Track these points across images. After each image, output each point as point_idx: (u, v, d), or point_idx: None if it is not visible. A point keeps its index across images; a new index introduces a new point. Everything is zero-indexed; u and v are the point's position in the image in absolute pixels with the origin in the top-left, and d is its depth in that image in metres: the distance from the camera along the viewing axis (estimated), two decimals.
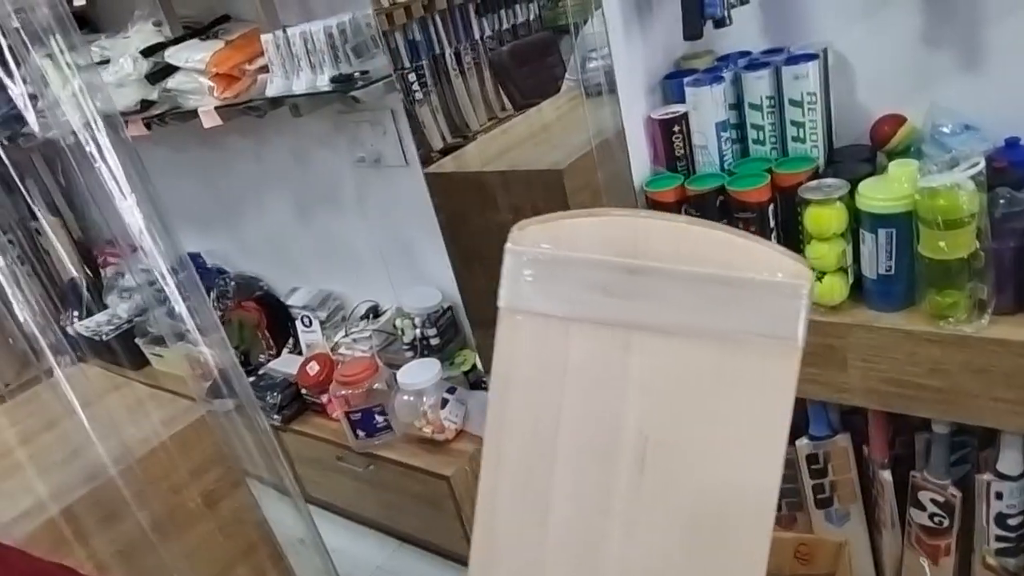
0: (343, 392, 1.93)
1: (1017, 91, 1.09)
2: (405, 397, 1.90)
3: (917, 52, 1.16)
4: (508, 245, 0.48)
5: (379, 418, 1.95)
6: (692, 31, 1.14)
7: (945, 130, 1.10)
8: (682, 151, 1.29)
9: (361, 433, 1.96)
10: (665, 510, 0.44)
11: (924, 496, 1.23)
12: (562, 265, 0.46)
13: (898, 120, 1.18)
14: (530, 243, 0.48)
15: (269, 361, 2.42)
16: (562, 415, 0.46)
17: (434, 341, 2.11)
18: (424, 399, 1.88)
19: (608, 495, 0.45)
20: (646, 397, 0.44)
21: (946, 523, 1.22)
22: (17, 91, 0.96)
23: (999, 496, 1.13)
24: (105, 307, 2.83)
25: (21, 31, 0.95)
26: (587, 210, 0.45)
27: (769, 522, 0.43)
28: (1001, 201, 0.99)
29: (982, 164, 0.95)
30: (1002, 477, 1.12)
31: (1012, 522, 1.14)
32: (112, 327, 2.72)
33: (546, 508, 0.46)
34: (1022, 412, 1.01)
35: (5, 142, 1.53)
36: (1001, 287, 1.00)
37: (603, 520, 0.45)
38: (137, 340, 2.72)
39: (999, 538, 1.16)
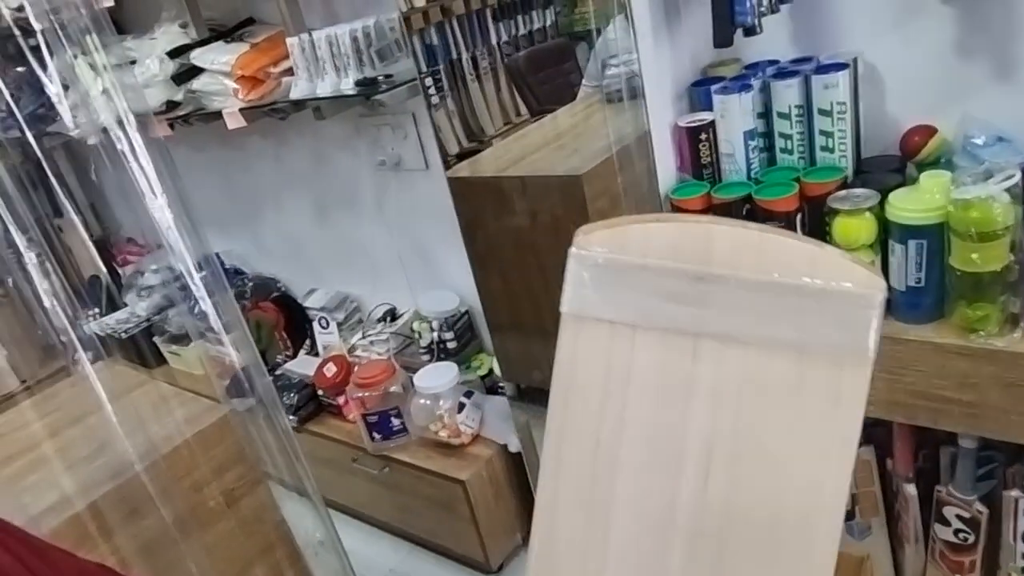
0: (360, 394, 1.93)
1: None
2: (422, 400, 1.90)
3: (949, 62, 1.16)
4: (572, 250, 0.46)
5: (395, 421, 1.95)
6: (722, 39, 1.14)
7: (977, 141, 1.09)
8: (708, 159, 1.28)
9: (377, 435, 1.96)
10: (730, 523, 0.43)
11: (949, 511, 1.22)
12: (629, 271, 0.45)
13: (929, 131, 1.17)
14: (596, 248, 0.46)
15: (286, 362, 2.42)
16: (626, 424, 0.45)
17: (451, 345, 2.11)
18: (440, 403, 1.88)
19: (672, 507, 0.44)
20: (713, 407, 0.43)
21: (971, 539, 1.21)
22: (53, 89, 0.97)
23: None
24: (124, 305, 2.85)
25: (57, 30, 0.95)
26: (654, 215, 0.44)
27: (836, 535, 0.41)
28: None
29: (1018, 176, 0.94)
30: None
31: None
32: (131, 325, 2.74)
33: (607, 518, 0.45)
34: None
35: (32, 140, 1.54)
36: None
37: (666, 532, 0.44)
38: (155, 339, 2.74)
39: None
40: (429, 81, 1.81)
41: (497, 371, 2.03)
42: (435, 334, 2.10)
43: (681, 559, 0.44)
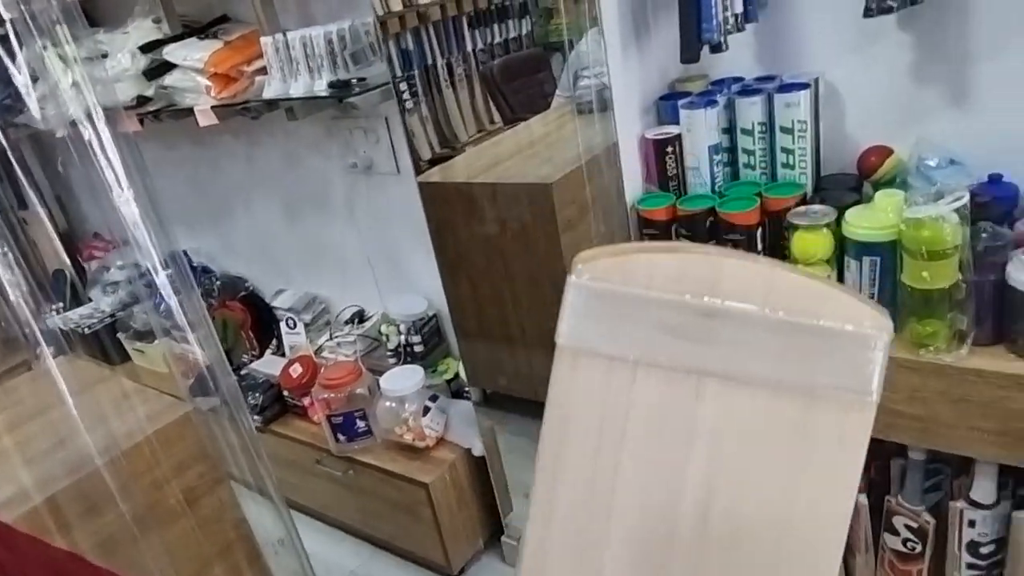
0: (325, 395, 1.93)
1: (1002, 128, 1.12)
2: (387, 403, 1.90)
3: (906, 86, 1.20)
4: (571, 278, 0.44)
5: (360, 423, 1.95)
6: (689, 55, 1.16)
7: (931, 163, 1.12)
8: (674, 171, 1.31)
9: (342, 437, 1.96)
10: (729, 570, 0.42)
11: (898, 521, 1.25)
12: (632, 303, 0.42)
13: (885, 151, 1.21)
14: (598, 277, 0.43)
15: (252, 362, 2.41)
16: (622, 466, 0.43)
17: (418, 348, 2.11)
18: (406, 406, 1.88)
19: (669, 553, 0.43)
20: (715, 449, 0.42)
21: (919, 549, 1.24)
22: (21, 80, 0.96)
23: (972, 524, 1.16)
24: (88, 300, 2.81)
25: (27, 19, 0.95)
26: (661, 243, 0.43)
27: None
28: (983, 235, 1.01)
29: (966, 198, 0.97)
30: (975, 505, 1.14)
31: (984, 550, 1.16)
32: (95, 321, 2.70)
33: (600, 568, 0.44)
34: (997, 442, 1.03)
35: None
36: (981, 319, 1.02)
37: None
38: (119, 335, 2.70)
39: (970, 566, 1.18)
40: (404, 86, 1.82)
41: (463, 376, 2.04)
42: (402, 337, 2.11)
43: None
